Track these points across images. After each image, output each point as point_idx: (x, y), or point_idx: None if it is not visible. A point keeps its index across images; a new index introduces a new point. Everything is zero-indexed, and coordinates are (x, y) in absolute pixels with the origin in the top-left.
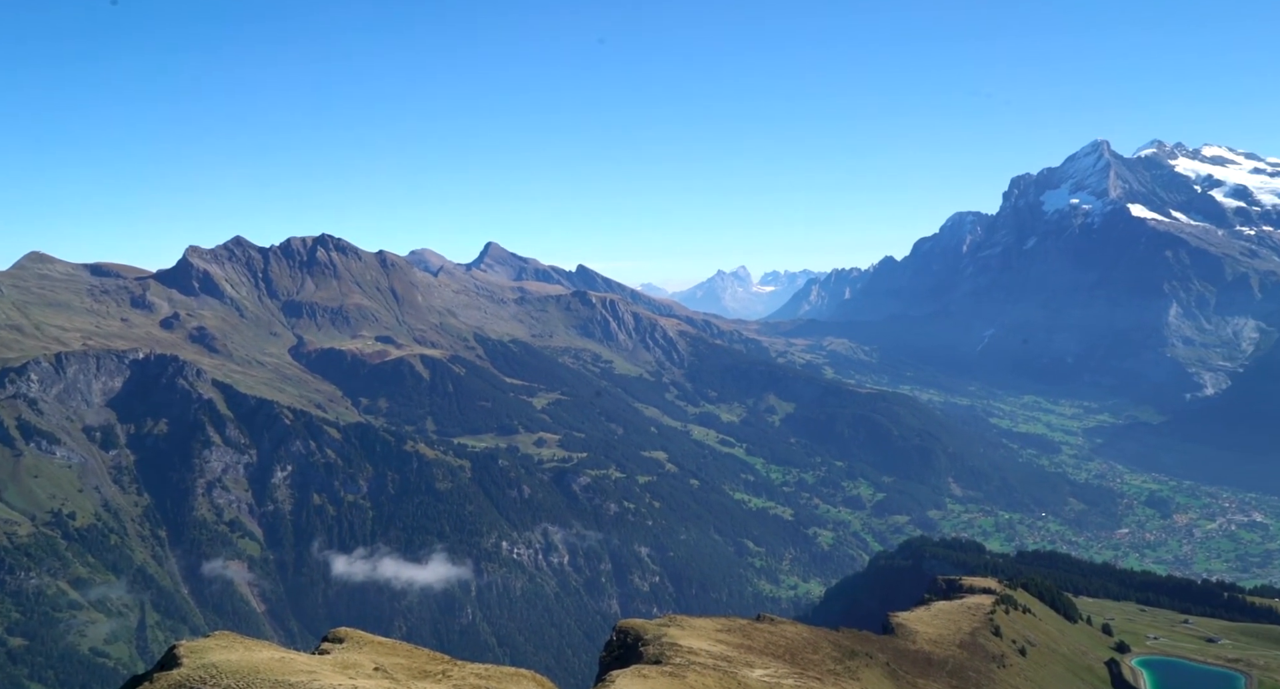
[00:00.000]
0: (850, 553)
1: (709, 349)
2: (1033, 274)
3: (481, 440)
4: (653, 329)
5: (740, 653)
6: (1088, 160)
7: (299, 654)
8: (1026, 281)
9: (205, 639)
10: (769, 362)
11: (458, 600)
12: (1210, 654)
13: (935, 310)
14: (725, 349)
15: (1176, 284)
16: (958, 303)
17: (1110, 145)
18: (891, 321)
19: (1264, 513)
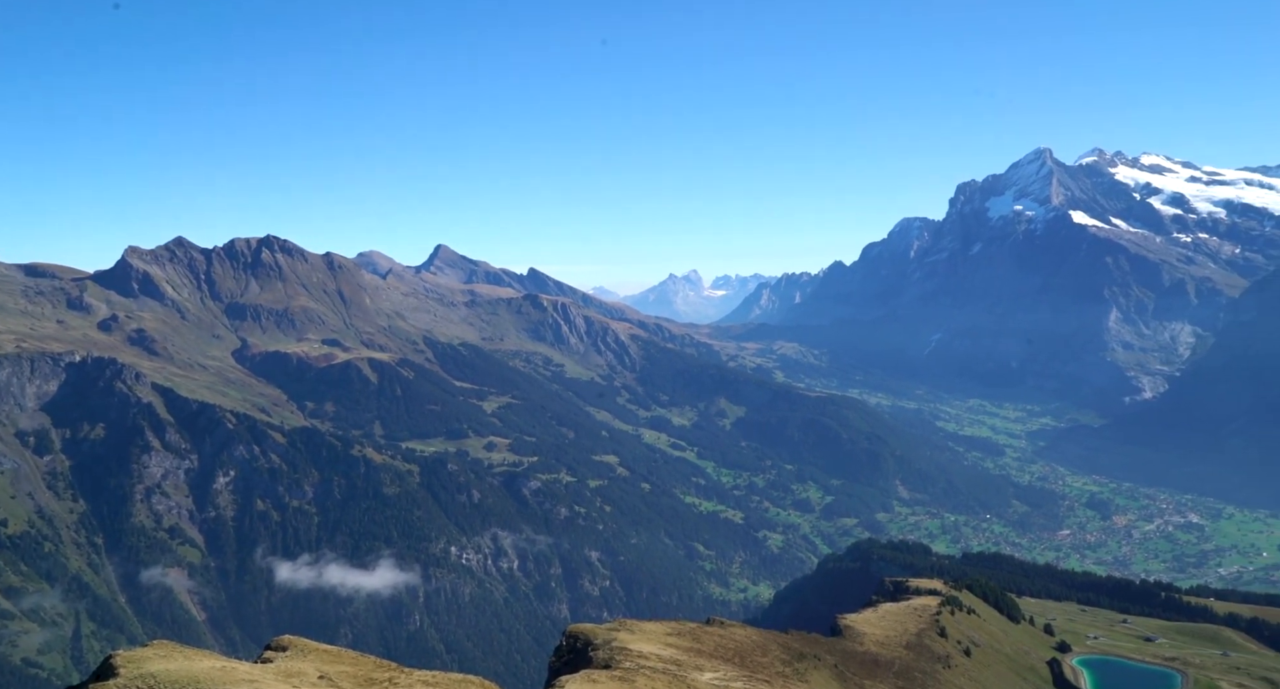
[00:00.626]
0: (799, 555)
1: (661, 353)
2: (978, 279)
3: (430, 445)
4: (604, 333)
5: (690, 656)
6: (1031, 167)
7: (241, 663)
8: (972, 287)
9: (143, 649)
10: (720, 365)
11: (405, 607)
12: (1148, 653)
13: (884, 315)
14: (677, 353)
15: (1116, 290)
16: (905, 307)
17: (1053, 153)
18: (841, 326)
19: (1199, 514)
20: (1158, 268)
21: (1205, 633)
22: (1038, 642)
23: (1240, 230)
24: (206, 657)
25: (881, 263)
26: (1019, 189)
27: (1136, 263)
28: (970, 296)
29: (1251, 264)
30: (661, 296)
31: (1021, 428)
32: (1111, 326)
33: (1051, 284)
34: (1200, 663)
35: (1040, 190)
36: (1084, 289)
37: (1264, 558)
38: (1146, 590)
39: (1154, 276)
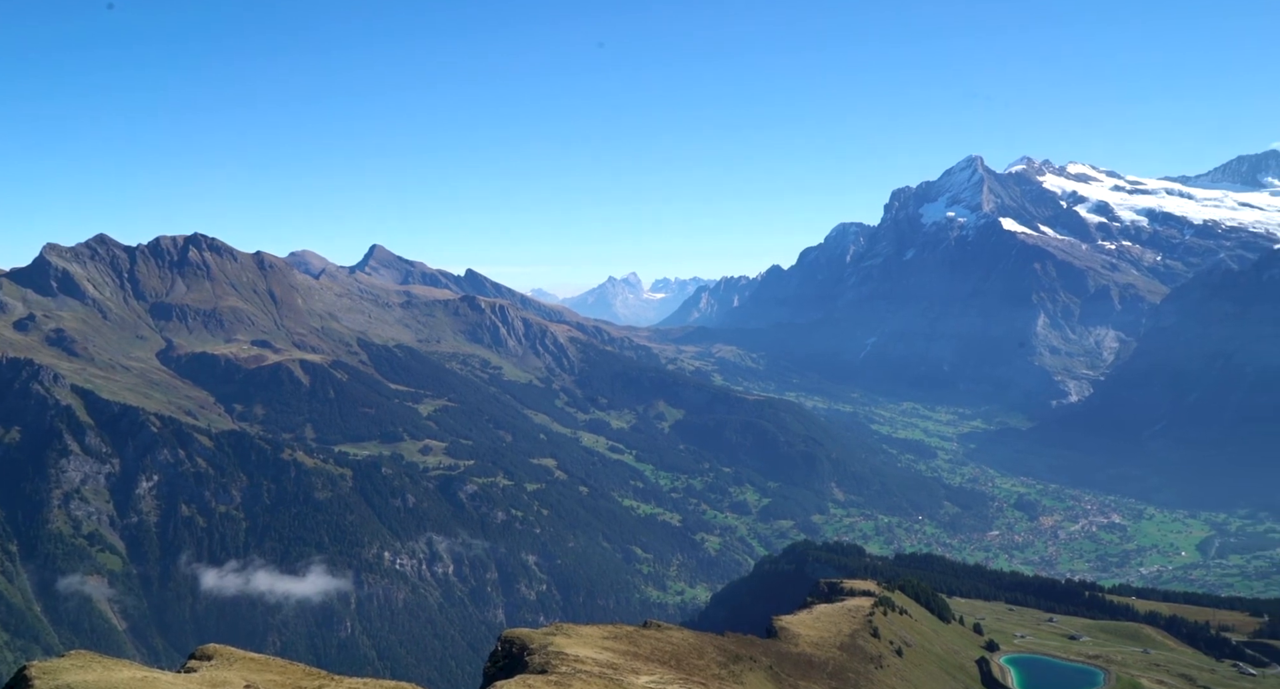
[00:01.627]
0: (736, 558)
1: (600, 355)
2: (912, 284)
3: (364, 448)
4: (543, 335)
5: (627, 660)
6: (963, 175)
7: (163, 673)
8: (906, 291)
9: (59, 659)
10: (659, 368)
11: (336, 613)
12: (1072, 651)
13: (820, 318)
14: (616, 355)
15: (1044, 295)
16: (842, 311)
17: (984, 161)
18: (779, 329)
19: (1122, 515)
20: (1083, 274)
21: (1127, 631)
22: (967, 641)
23: (1161, 238)
24: (127, 667)
25: (818, 267)
26: (951, 196)
27: (1063, 269)
28: (904, 301)
29: (1172, 271)
30: (601, 299)
31: (953, 430)
32: (1039, 331)
33: (982, 289)
34: (1122, 660)
35: (972, 197)
36: (1013, 294)
37: (1182, 557)
38: (1071, 590)
39: (1080, 283)
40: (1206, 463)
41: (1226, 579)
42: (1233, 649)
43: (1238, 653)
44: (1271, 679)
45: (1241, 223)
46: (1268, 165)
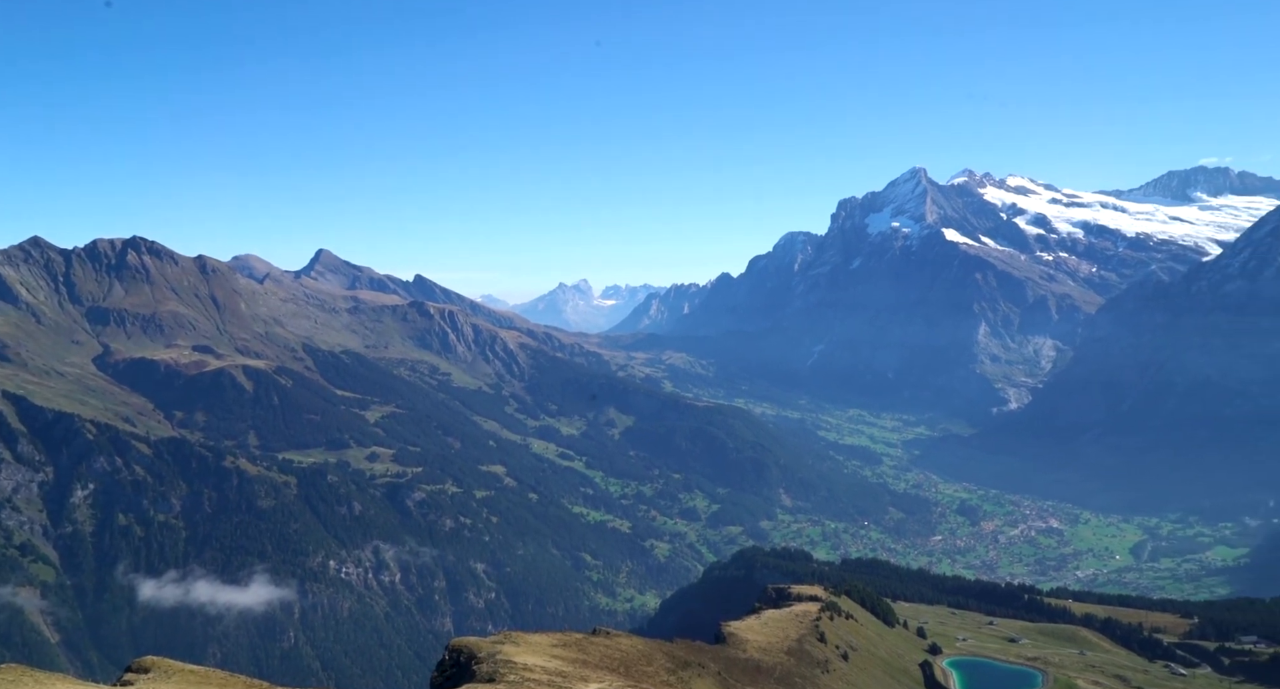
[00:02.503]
0: (686, 564)
1: (550, 362)
2: (858, 293)
3: (309, 455)
4: (493, 341)
5: (575, 668)
6: (907, 186)
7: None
8: (853, 300)
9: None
10: (609, 375)
11: (279, 623)
12: (1012, 653)
13: (769, 326)
14: (566, 362)
15: (985, 305)
16: (790, 319)
17: (927, 172)
18: (728, 336)
19: (1059, 519)
20: (1022, 285)
21: (1064, 633)
22: (911, 645)
23: (1096, 250)
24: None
25: (767, 275)
26: (896, 206)
27: (1003, 279)
28: (851, 309)
29: (1106, 282)
30: (551, 305)
31: (898, 437)
32: (980, 340)
33: (926, 298)
34: (1059, 662)
35: (916, 208)
36: (955, 304)
37: (1117, 560)
38: (1011, 593)
39: (1019, 293)
40: (1139, 469)
41: (1158, 582)
42: (1164, 650)
43: (1169, 654)
44: (1201, 679)
45: (1172, 236)
46: (1196, 181)
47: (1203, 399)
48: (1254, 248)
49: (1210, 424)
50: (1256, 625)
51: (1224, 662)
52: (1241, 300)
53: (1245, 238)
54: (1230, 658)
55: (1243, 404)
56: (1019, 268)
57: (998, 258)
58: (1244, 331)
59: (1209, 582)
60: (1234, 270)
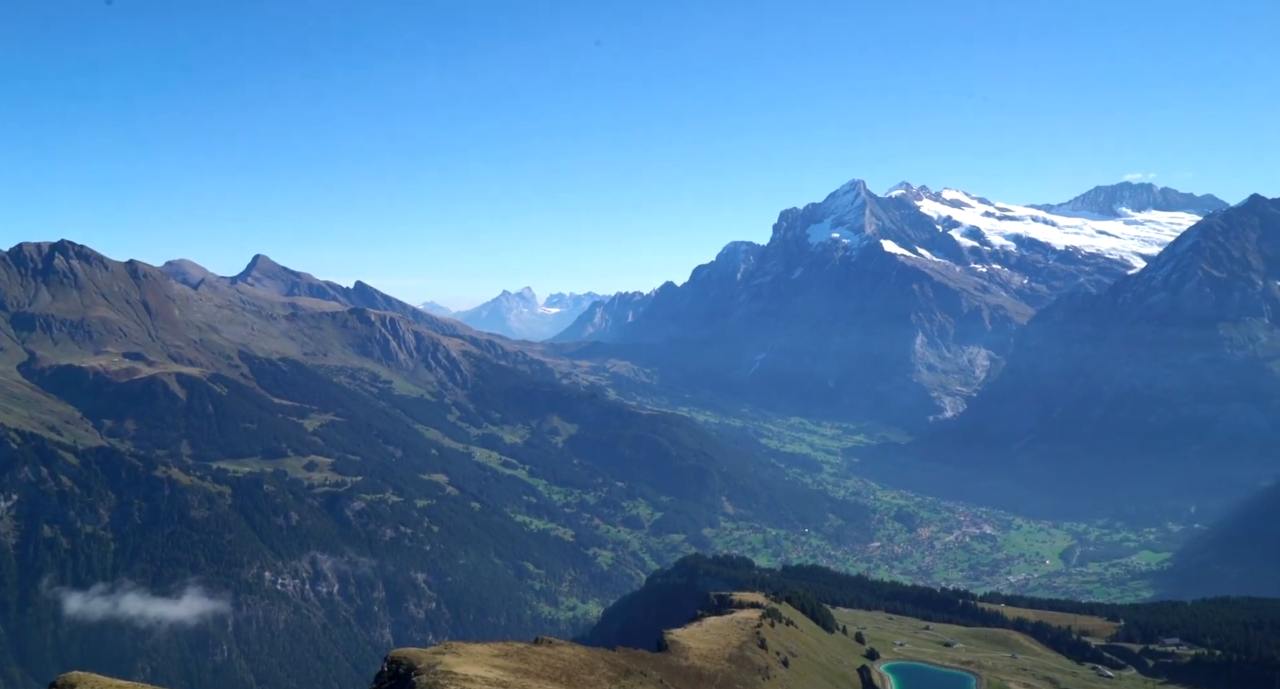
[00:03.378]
0: (629, 572)
1: (493, 370)
2: (800, 302)
3: (245, 465)
4: (435, 349)
5: (517, 678)
6: (847, 198)
7: None
8: (794, 309)
9: None
10: (553, 383)
11: (212, 636)
12: (947, 657)
13: (712, 335)
14: (510, 370)
15: (922, 315)
16: (733, 328)
17: (866, 184)
18: (672, 345)
19: (993, 525)
20: (957, 296)
21: (996, 637)
22: (850, 650)
23: (1027, 262)
24: None
25: (710, 284)
26: (836, 218)
27: (939, 290)
28: (792, 319)
29: (1037, 294)
30: (495, 313)
31: (838, 445)
32: (917, 350)
33: (864, 308)
34: (992, 665)
35: (855, 220)
36: (893, 314)
37: (1047, 565)
38: (946, 598)
39: (954, 304)
40: (1068, 476)
41: (1086, 586)
42: (1092, 653)
43: (1097, 656)
44: (1127, 681)
45: (1099, 249)
46: (1122, 196)
47: (1128, 408)
48: (1175, 262)
49: (1135, 432)
50: (1179, 627)
51: (1148, 663)
52: (1164, 312)
53: (1167, 252)
54: (1154, 659)
55: (1165, 413)
56: (954, 279)
57: (934, 269)
58: (1166, 343)
59: (1134, 585)
60: (1157, 283)
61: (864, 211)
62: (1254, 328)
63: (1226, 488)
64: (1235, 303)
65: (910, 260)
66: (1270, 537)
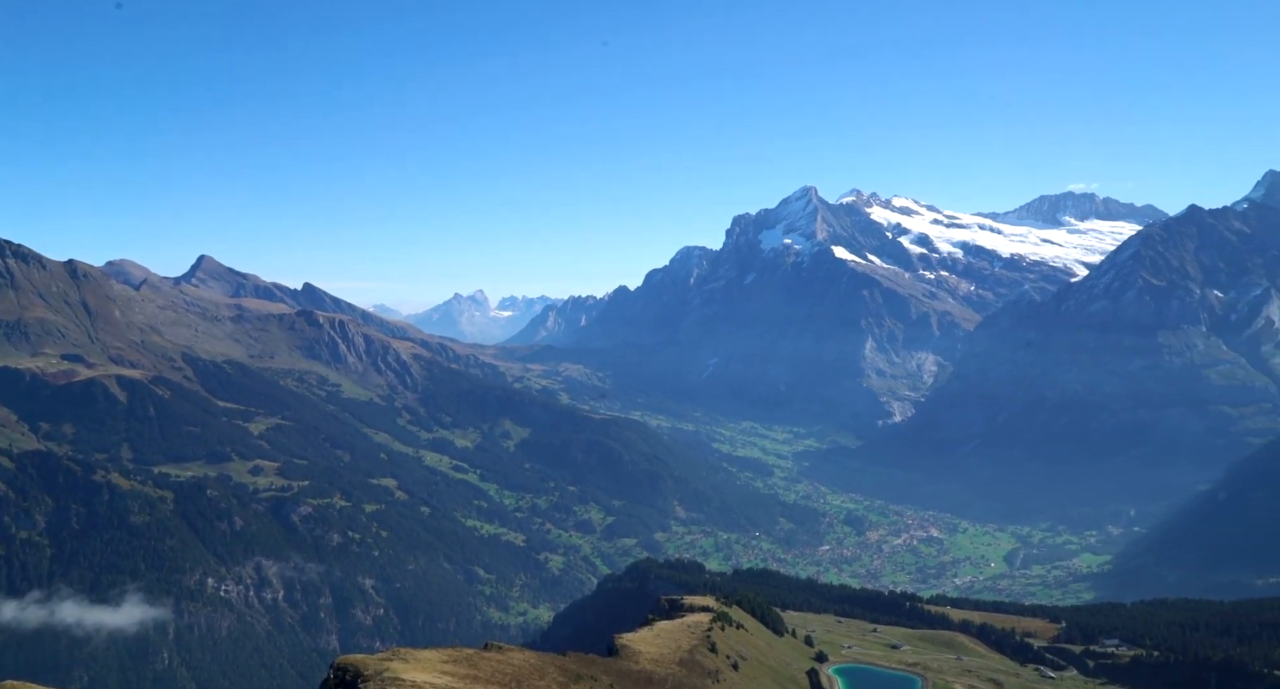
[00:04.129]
0: (580, 577)
1: (444, 373)
2: (752, 307)
3: (188, 469)
4: (385, 352)
5: (466, 684)
6: (799, 204)
7: None
8: (747, 314)
9: None
10: (505, 387)
11: (153, 644)
12: (894, 659)
13: (665, 339)
14: (461, 373)
15: (871, 321)
16: (685, 332)
17: (818, 191)
18: (625, 349)
19: (939, 528)
20: (906, 302)
21: (942, 639)
22: (799, 653)
23: (974, 269)
24: None
25: (664, 289)
26: (788, 224)
27: (889, 296)
28: (745, 323)
29: (983, 301)
30: (446, 316)
31: (789, 449)
32: (867, 355)
33: (816, 314)
34: (938, 667)
35: (806, 226)
36: (844, 319)
37: (992, 568)
38: (894, 601)
39: (903, 310)
40: (1013, 479)
41: (1030, 588)
42: (1035, 654)
43: (1039, 657)
44: (1068, 681)
45: (1043, 257)
46: (1065, 205)
47: (1070, 413)
48: (1117, 270)
49: (1077, 437)
50: (1119, 628)
51: (1089, 664)
52: (1105, 320)
53: (1109, 260)
54: (1095, 660)
55: (1106, 418)
56: (903, 285)
57: (884, 275)
58: (1107, 349)
59: (1076, 587)
60: (1099, 291)
61: (815, 218)
62: (1191, 335)
63: (1164, 492)
64: (1174, 311)
65: (860, 267)
66: (1206, 540)
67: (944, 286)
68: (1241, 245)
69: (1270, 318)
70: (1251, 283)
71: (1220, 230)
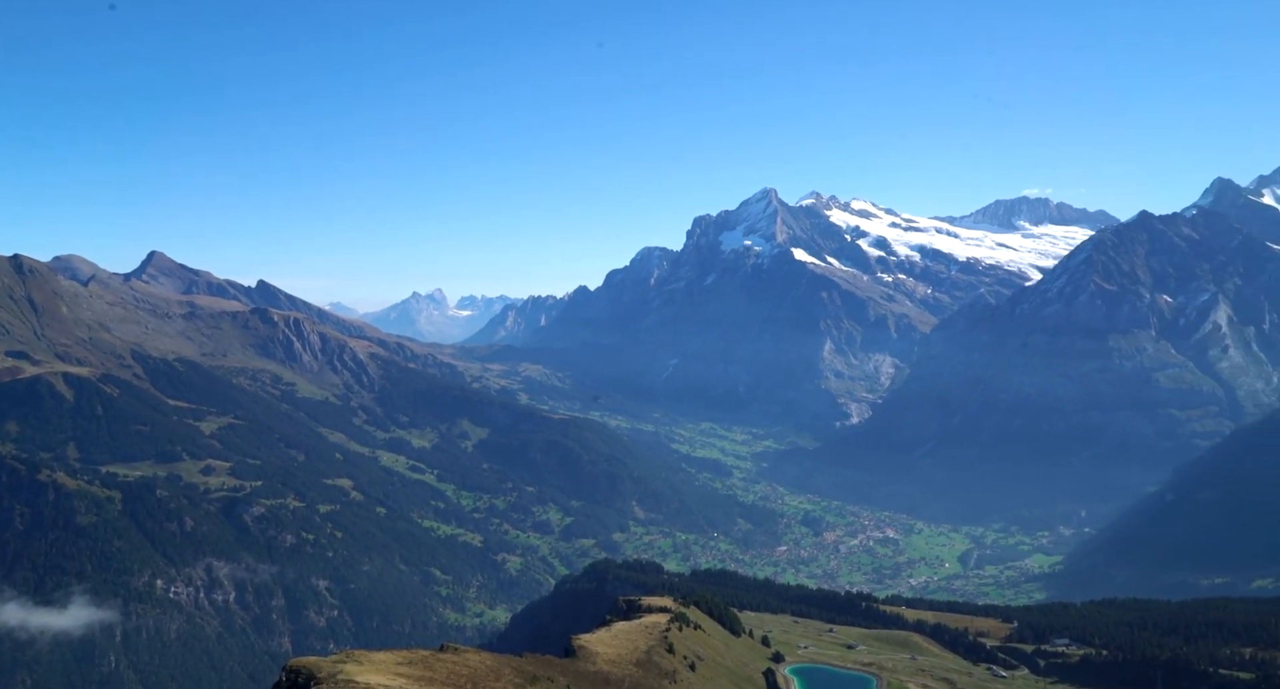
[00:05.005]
0: (538, 578)
1: (402, 372)
2: (712, 308)
3: (136, 469)
4: (341, 350)
5: (420, 686)
6: (759, 206)
7: None
8: (707, 315)
9: None
10: (464, 386)
11: (99, 647)
12: (849, 659)
13: (625, 339)
14: (419, 373)
15: (830, 322)
16: (645, 333)
17: (778, 193)
18: (584, 349)
19: (895, 529)
20: (864, 304)
21: (897, 639)
22: (756, 653)
23: (931, 273)
24: None
25: (624, 289)
26: (748, 225)
27: (847, 299)
28: (705, 324)
29: (940, 304)
30: (404, 315)
31: (747, 450)
32: (826, 357)
33: (775, 315)
34: (892, 666)
35: (766, 227)
36: (803, 321)
37: (946, 568)
38: (850, 601)
39: (861, 312)
40: (967, 481)
41: (983, 588)
42: (987, 653)
43: (991, 657)
44: (1020, 680)
45: (999, 261)
46: (1020, 210)
47: (1023, 416)
48: (1069, 274)
49: (1030, 439)
50: (1069, 628)
51: (1040, 663)
52: (1058, 323)
53: (1062, 265)
54: (1045, 659)
55: (1058, 421)
56: (861, 288)
57: (842, 278)
58: (1060, 353)
59: (1028, 587)
60: (1052, 295)
61: (775, 220)
62: (1141, 339)
63: (1115, 493)
64: (1124, 315)
65: (820, 269)
66: (1155, 540)
67: (901, 289)
68: (1190, 251)
69: (1217, 323)
70: (1200, 288)
71: (1170, 236)
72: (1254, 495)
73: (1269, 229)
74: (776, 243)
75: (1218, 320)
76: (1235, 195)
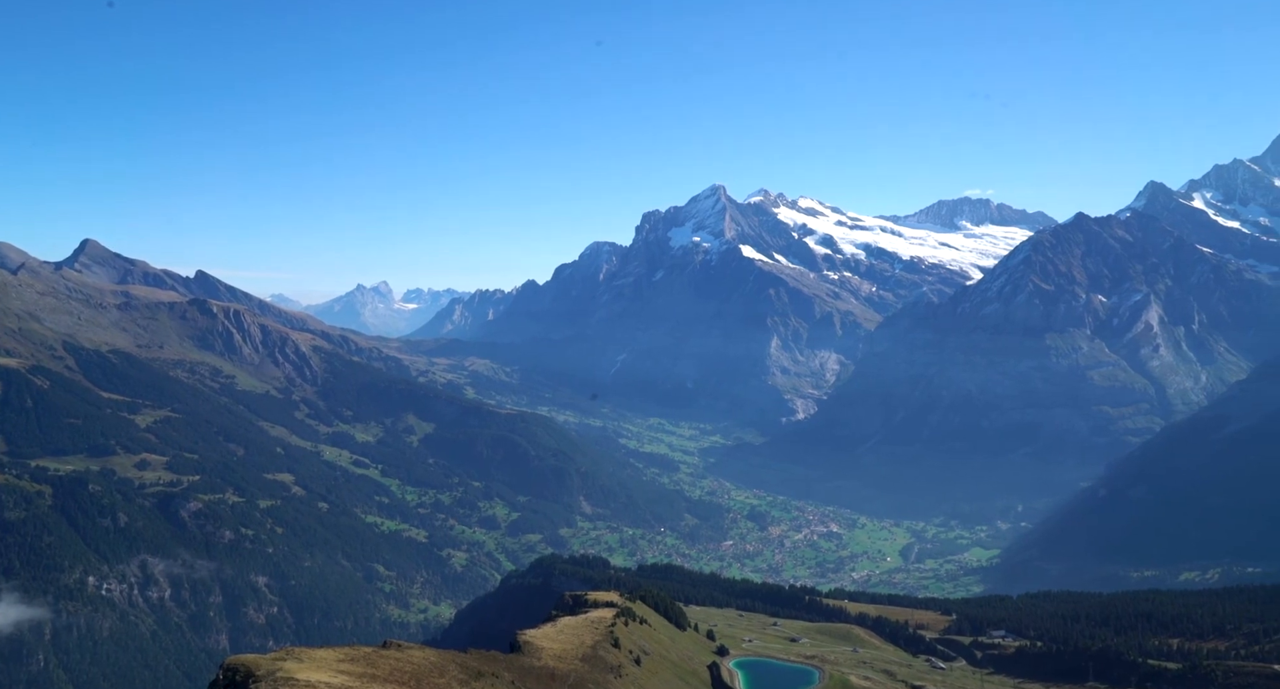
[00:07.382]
0: (483, 573)
1: (346, 366)
2: (660, 304)
3: (68, 463)
4: (283, 343)
5: (363, 683)
6: (708, 202)
7: None
8: (655, 311)
9: None
10: (409, 380)
11: (28, 645)
12: (793, 652)
13: (573, 334)
14: (363, 366)
15: (777, 319)
16: (594, 328)
17: (727, 190)
18: (533, 344)
19: (839, 524)
20: (811, 301)
21: (839, 632)
22: (701, 647)
23: (876, 271)
24: None
25: (573, 284)
26: (697, 222)
27: (794, 296)
28: (653, 320)
29: (884, 301)
30: (349, 308)
31: (695, 445)
32: (773, 353)
33: (724, 311)
34: (835, 659)
35: (715, 224)
36: (751, 317)
37: (888, 562)
38: (794, 595)
39: (808, 309)
40: (909, 476)
41: (923, 582)
42: (927, 645)
43: (930, 649)
44: (958, 671)
45: (941, 261)
46: (962, 210)
47: (963, 412)
48: (1009, 274)
49: (969, 435)
50: (1005, 620)
51: (977, 655)
52: (998, 322)
53: (1002, 265)
54: (982, 651)
55: (997, 417)
56: (808, 285)
57: (789, 275)
58: (999, 351)
59: (966, 580)
60: (992, 294)
61: (724, 216)
62: (1077, 338)
63: (1050, 488)
64: (1061, 315)
65: (767, 266)
66: (1087, 534)
67: (847, 287)
68: (1124, 253)
69: (1149, 323)
70: (1132, 289)
71: (1105, 238)
72: (1182, 491)
73: (1199, 232)
74: (725, 239)
75: (1149, 320)
76: (1167, 199)
